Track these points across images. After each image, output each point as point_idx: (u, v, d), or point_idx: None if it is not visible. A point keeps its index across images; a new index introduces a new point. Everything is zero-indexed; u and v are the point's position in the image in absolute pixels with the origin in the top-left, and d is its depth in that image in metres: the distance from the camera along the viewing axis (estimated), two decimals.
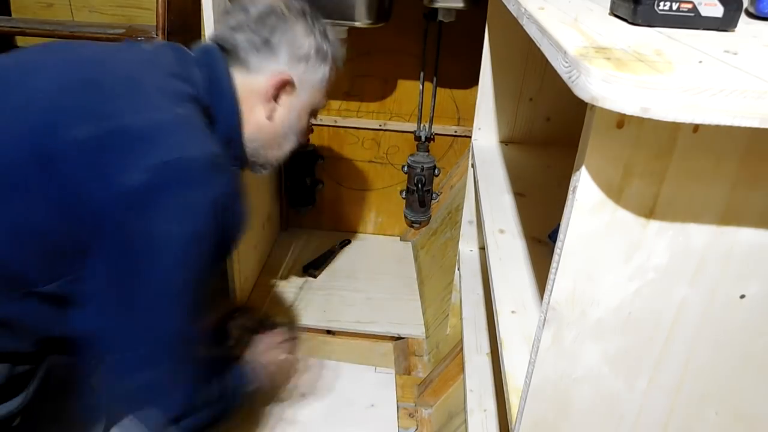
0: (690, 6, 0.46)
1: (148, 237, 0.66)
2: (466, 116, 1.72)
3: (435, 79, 1.66)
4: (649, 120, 0.34)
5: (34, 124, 0.66)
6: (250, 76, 0.83)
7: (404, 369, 1.41)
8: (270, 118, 0.86)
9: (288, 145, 0.91)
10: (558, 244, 0.45)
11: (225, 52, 0.83)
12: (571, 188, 0.43)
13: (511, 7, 0.68)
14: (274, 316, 1.10)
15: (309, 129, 0.95)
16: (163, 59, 0.79)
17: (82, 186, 0.65)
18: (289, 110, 0.87)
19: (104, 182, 0.64)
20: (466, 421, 1.01)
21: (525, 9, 0.57)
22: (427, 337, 1.50)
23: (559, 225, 0.46)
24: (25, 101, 0.68)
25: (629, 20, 0.48)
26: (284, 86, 0.85)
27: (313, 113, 0.93)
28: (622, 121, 0.38)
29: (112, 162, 0.65)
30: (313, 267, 1.72)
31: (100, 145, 0.65)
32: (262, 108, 0.85)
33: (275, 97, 0.85)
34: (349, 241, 1.87)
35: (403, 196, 1.83)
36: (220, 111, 0.80)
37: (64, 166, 0.65)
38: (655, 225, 0.43)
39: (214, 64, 0.82)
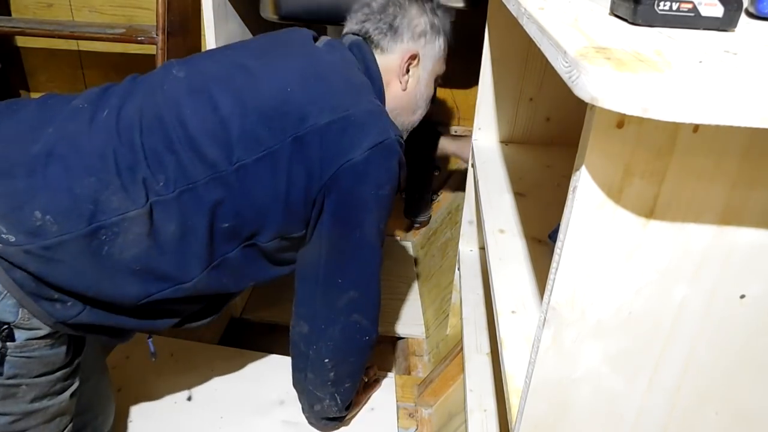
0: (690, 6, 0.46)
1: (366, 197, 0.89)
2: (466, 116, 1.72)
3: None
4: (649, 120, 0.34)
5: (293, 115, 0.85)
6: (385, 56, 1.02)
7: (404, 369, 1.41)
8: (405, 88, 1.03)
9: (420, 111, 1.09)
10: (558, 244, 0.45)
11: (364, 40, 1.02)
12: (571, 188, 0.43)
13: (511, 7, 0.68)
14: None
15: (434, 96, 1.12)
16: (345, 56, 0.97)
17: (323, 160, 0.85)
18: (418, 80, 1.05)
19: (339, 157, 0.85)
20: (466, 421, 1.01)
21: (525, 9, 0.56)
22: (427, 337, 1.50)
23: (559, 225, 0.45)
24: (278, 91, 0.87)
25: (629, 20, 0.48)
26: (412, 60, 1.02)
27: (437, 80, 1.10)
28: (622, 121, 0.38)
29: (344, 142, 0.85)
30: None
31: (336, 129, 0.85)
32: (398, 81, 1.03)
33: (406, 71, 1.03)
34: None
35: (403, 196, 1.83)
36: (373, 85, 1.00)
37: (311, 145, 0.85)
38: (655, 225, 0.43)
39: (365, 53, 1.00)
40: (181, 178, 0.81)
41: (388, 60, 1.02)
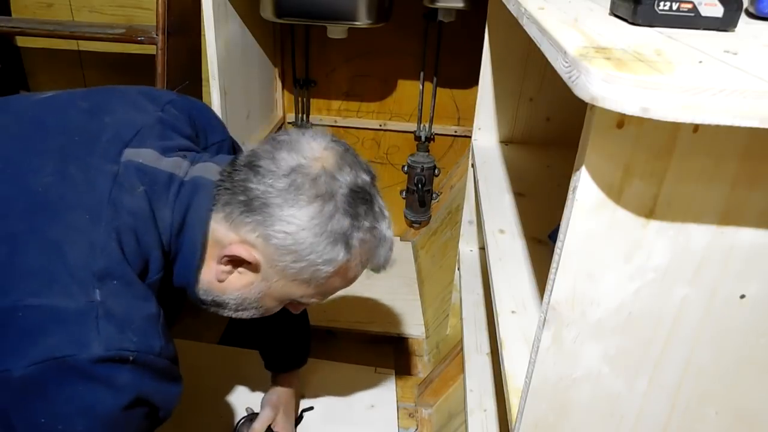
0: (690, 6, 0.46)
1: (25, 427, 0.59)
2: (466, 116, 1.72)
3: (435, 79, 1.66)
4: (649, 120, 0.34)
5: None
6: (229, 228, 0.70)
7: (404, 369, 1.41)
8: (221, 280, 0.73)
9: (242, 313, 0.78)
10: (558, 244, 0.45)
11: (228, 185, 0.70)
12: (571, 188, 0.43)
13: (511, 7, 0.68)
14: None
15: (279, 309, 0.80)
16: (126, 198, 0.65)
17: None
18: (249, 286, 0.73)
19: None
20: (466, 421, 1.01)
21: (525, 9, 0.56)
22: (427, 337, 1.50)
23: (559, 225, 0.45)
24: None
25: (629, 20, 0.48)
26: (241, 263, 0.71)
27: (292, 303, 0.79)
28: (622, 121, 0.38)
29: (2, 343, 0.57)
30: None
31: None
32: (216, 266, 0.72)
33: (227, 263, 0.72)
34: None
35: (403, 196, 1.83)
36: (179, 262, 0.72)
37: None
38: (655, 225, 0.43)
39: (194, 211, 0.70)
40: None
41: (227, 233, 0.70)
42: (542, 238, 0.86)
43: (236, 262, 0.71)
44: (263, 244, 0.68)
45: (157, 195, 0.69)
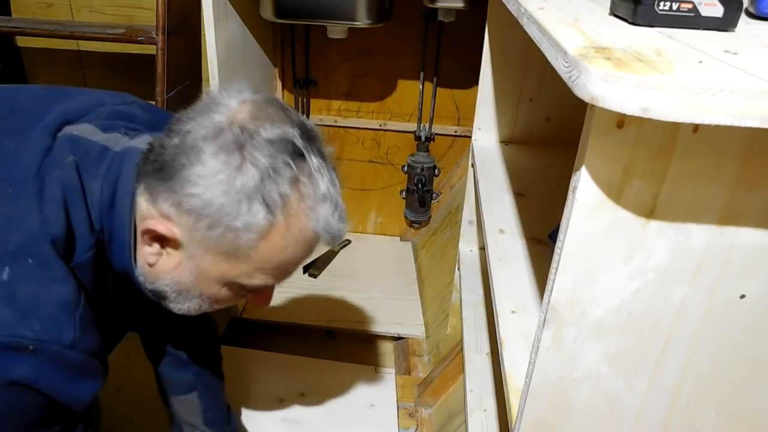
0: (690, 6, 0.46)
1: None
2: (466, 116, 1.72)
3: (435, 79, 1.66)
4: (649, 120, 0.34)
5: None
6: (150, 203, 0.63)
7: (404, 369, 1.41)
8: (150, 264, 0.66)
9: (187, 305, 0.70)
10: (558, 244, 0.45)
11: (148, 154, 0.64)
12: (571, 188, 0.43)
13: (511, 7, 0.68)
14: None
15: (235, 297, 0.71)
16: (55, 170, 0.61)
17: None
18: (177, 267, 0.66)
19: None
20: (466, 421, 1.01)
21: (525, 9, 0.56)
22: (427, 337, 1.50)
23: (559, 225, 0.45)
24: None
25: (629, 20, 0.48)
26: (156, 239, 0.64)
27: (240, 287, 0.67)
28: (622, 121, 0.38)
29: None
30: (314, 267, 1.72)
31: None
32: (143, 248, 0.65)
33: (150, 243, 0.65)
34: (349, 241, 1.87)
35: (403, 196, 1.83)
36: (114, 241, 0.66)
37: None
38: (655, 225, 0.43)
39: (122, 182, 0.64)
40: None
41: (149, 209, 0.63)
42: (542, 238, 0.86)
43: (161, 241, 0.64)
44: (177, 213, 0.61)
45: (86, 167, 0.63)
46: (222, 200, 0.59)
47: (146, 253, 0.65)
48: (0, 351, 0.52)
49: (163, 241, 0.64)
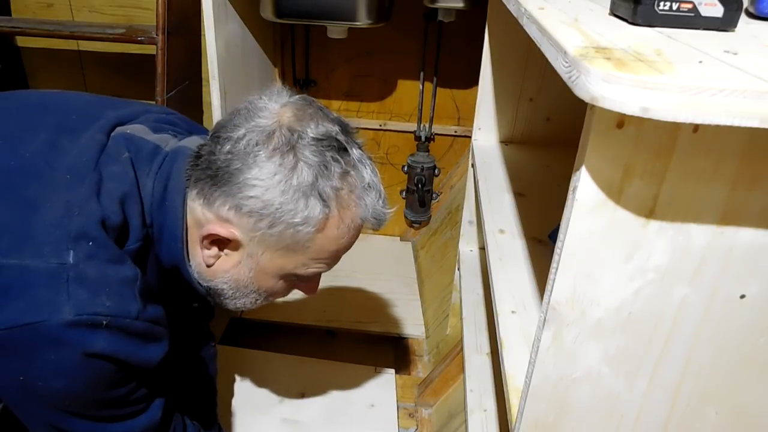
0: (690, 6, 0.46)
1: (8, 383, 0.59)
2: (466, 116, 1.72)
3: (435, 79, 1.66)
4: (649, 120, 0.34)
5: None
6: (205, 207, 0.67)
7: (404, 369, 1.41)
8: (209, 264, 0.71)
9: (243, 300, 0.75)
10: (558, 244, 0.45)
11: (197, 161, 0.68)
12: (571, 188, 0.43)
13: (511, 7, 0.68)
14: None
15: (288, 289, 0.76)
16: (111, 165, 0.65)
17: None
18: (236, 266, 0.70)
19: None
20: (466, 421, 1.01)
21: (525, 9, 0.56)
22: (427, 337, 1.50)
23: (559, 225, 0.45)
24: None
25: (629, 20, 0.48)
26: (216, 243, 0.68)
27: (296, 278, 0.73)
28: (622, 121, 0.38)
29: None
30: None
31: None
32: (200, 251, 0.70)
33: (209, 246, 0.69)
34: None
35: (403, 196, 1.83)
36: (165, 236, 0.69)
37: None
38: (655, 225, 0.43)
39: (174, 180, 0.68)
40: None
41: (204, 213, 0.67)
42: (542, 238, 0.86)
43: (219, 243, 0.68)
44: (237, 216, 0.65)
45: (141, 163, 0.67)
46: (281, 199, 0.64)
47: (205, 255, 0.70)
48: (79, 327, 0.56)
49: (222, 243, 0.68)
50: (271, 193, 0.63)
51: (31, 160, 0.63)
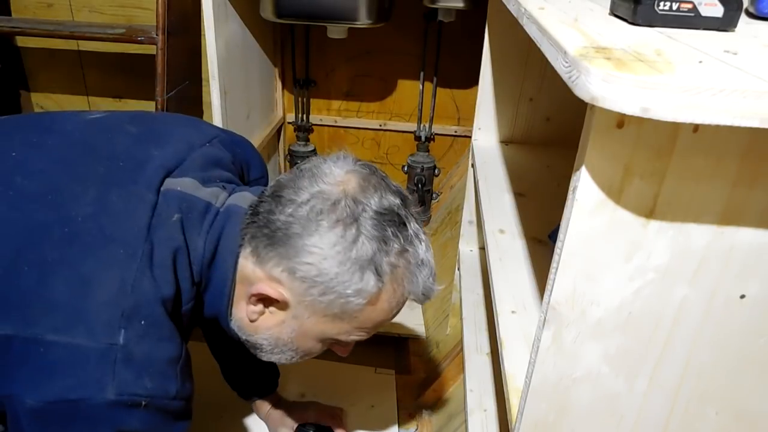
0: (690, 6, 0.46)
1: None
2: (466, 116, 1.72)
3: (435, 79, 1.66)
4: (649, 120, 0.34)
5: None
6: (256, 264, 0.67)
7: (404, 369, 1.41)
8: (252, 320, 0.71)
9: (279, 356, 0.75)
10: (558, 244, 0.45)
11: (254, 218, 0.68)
12: (571, 188, 0.43)
13: (511, 7, 0.68)
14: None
15: (322, 350, 0.76)
16: (163, 229, 0.64)
17: None
18: (281, 324, 0.70)
19: (11, 385, 0.57)
20: (466, 421, 1.01)
21: (525, 9, 0.57)
22: (427, 337, 1.50)
23: (559, 225, 0.45)
24: None
25: (629, 20, 0.48)
26: (265, 301, 0.69)
27: (335, 342, 0.73)
28: (622, 121, 0.38)
29: (9, 373, 0.57)
30: None
31: (8, 349, 0.57)
32: (245, 306, 0.70)
33: (255, 303, 0.70)
34: None
35: None
36: (210, 292, 0.71)
37: None
38: (655, 225, 0.43)
39: (226, 239, 0.68)
40: None
41: (255, 270, 0.68)
42: (542, 238, 0.86)
43: (266, 301, 0.68)
44: (289, 279, 0.65)
45: (191, 223, 0.67)
46: (337, 270, 0.63)
47: (249, 311, 0.70)
48: (118, 407, 0.57)
49: (269, 301, 0.68)
50: (328, 263, 0.63)
51: (83, 225, 0.62)
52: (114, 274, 0.60)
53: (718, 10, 0.46)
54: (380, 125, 1.77)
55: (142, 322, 0.60)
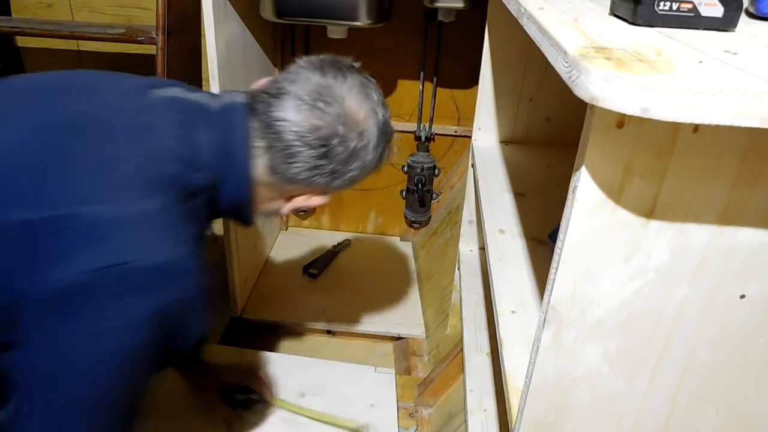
0: (690, 6, 0.46)
1: (71, 346, 0.58)
2: (466, 116, 1.72)
3: (435, 79, 1.66)
4: (649, 120, 0.34)
5: None
6: (282, 183, 0.76)
7: (404, 369, 1.41)
8: (278, 209, 0.83)
9: (259, 216, 0.84)
10: (558, 244, 0.45)
11: (267, 133, 0.73)
12: (571, 188, 0.43)
13: (511, 7, 0.68)
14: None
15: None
16: (163, 123, 0.70)
17: (9, 272, 0.57)
18: (298, 206, 0.83)
19: (33, 274, 0.57)
20: (466, 421, 1.01)
21: (525, 9, 0.57)
22: (427, 337, 1.50)
23: (559, 225, 0.46)
24: None
25: (629, 20, 0.49)
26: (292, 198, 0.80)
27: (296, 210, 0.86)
28: (622, 121, 0.38)
29: (47, 254, 0.57)
30: (313, 267, 1.72)
31: (41, 232, 0.57)
32: (274, 202, 0.81)
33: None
34: (349, 241, 1.87)
35: (403, 196, 1.83)
36: (228, 185, 0.74)
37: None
38: (655, 225, 0.43)
39: (233, 133, 0.73)
40: None
41: (281, 187, 0.77)
42: (542, 238, 0.86)
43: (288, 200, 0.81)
44: (319, 178, 0.77)
45: (193, 120, 0.72)
46: (349, 179, 0.78)
47: (283, 209, 0.81)
48: (162, 271, 0.61)
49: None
50: (358, 172, 0.79)
51: (105, 118, 0.67)
52: (137, 151, 0.65)
53: (718, 10, 0.46)
54: None
55: (165, 197, 0.64)
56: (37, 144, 0.63)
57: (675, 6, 0.46)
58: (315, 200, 0.82)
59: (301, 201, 0.81)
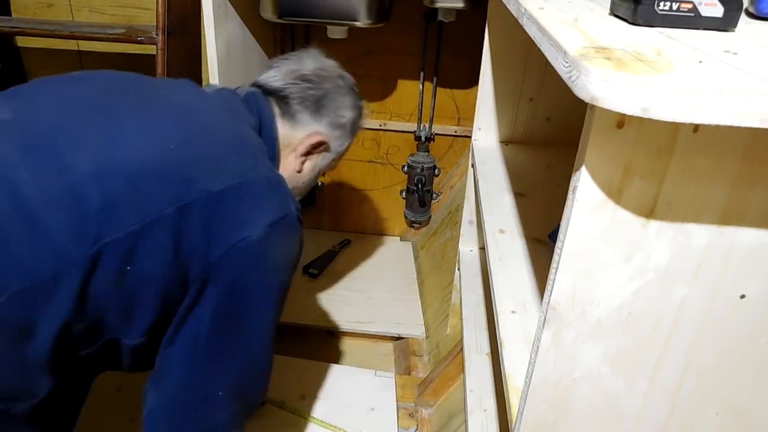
0: (690, 6, 0.46)
1: (262, 285, 0.75)
2: (466, 116, 1.72)
3: (435, 79, 1.66)
4: (649, 120, 0.34)
5: (174, 179, 0.69)
6: (292, 128, 0.89)
7: (404, 369, 1.41)
8: (299, 170, 0.92)
9: (297, 197, 0.90)
10: (558, 244, 0.45)
11: (271, 97, 0.90)
12: (571, 188, 0.43)
13: (511, 7, 0.68)
14: None
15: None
16: (237, 109, 0.85)
17: (212, 237, 0.69)
18: (313, 167, 0.94)
19: (232, 234, 0.70)
20: (466, 421, 1.01)
21: (525, 9, 0.56)
22: (427, 337, 1.50)
23: (559, 225, 0.45)
24: (154, 146, 0.71)
25: (629, 20, 0.49)
26: (319, 146, 0.91)
27: (321, 174, 1.00)
28: (622, 121, 0.38)
29: (239, 216, 0.71)
30: (314, 267, 1.72)
31: (230, 199, 0.70)
32: (295, 160, 0.91)
33: (308, 152, 0.91)
34: (349, 241, 1.87)
35: (403, 196, 1.83)
36: (269, 145, 0.87)
37: (197, 217, 0.69)
38: (655, 225, 0.43)
39: (263, 111, 0.87)
40: (15, 274, 0.61)
41: (292, 134, 0.89)
42: (542, 238, 0.86)
43: (314, 147, 0.91)
44: (328, 129, 0.91)
45: (241, 104, 0.86)
46: (351, 121, 0.94)
47: (298, 162, 0.91)
48: (297, 220, 0.77)
49: (316, 147, 0.91)
50: (350, 114, 0.95)
51: (225, 111, 0.84)
52: (245, 127, 0.82)
53: (718, 10, 0.46)
54: (380, 125, 1.77)
55: (268, 161, 0.82)
56: (180, 135, 0.74)
57: (675, 6, 0.46)
58: (325, 157, 0.94)
59: (315, 158, 0.93)
